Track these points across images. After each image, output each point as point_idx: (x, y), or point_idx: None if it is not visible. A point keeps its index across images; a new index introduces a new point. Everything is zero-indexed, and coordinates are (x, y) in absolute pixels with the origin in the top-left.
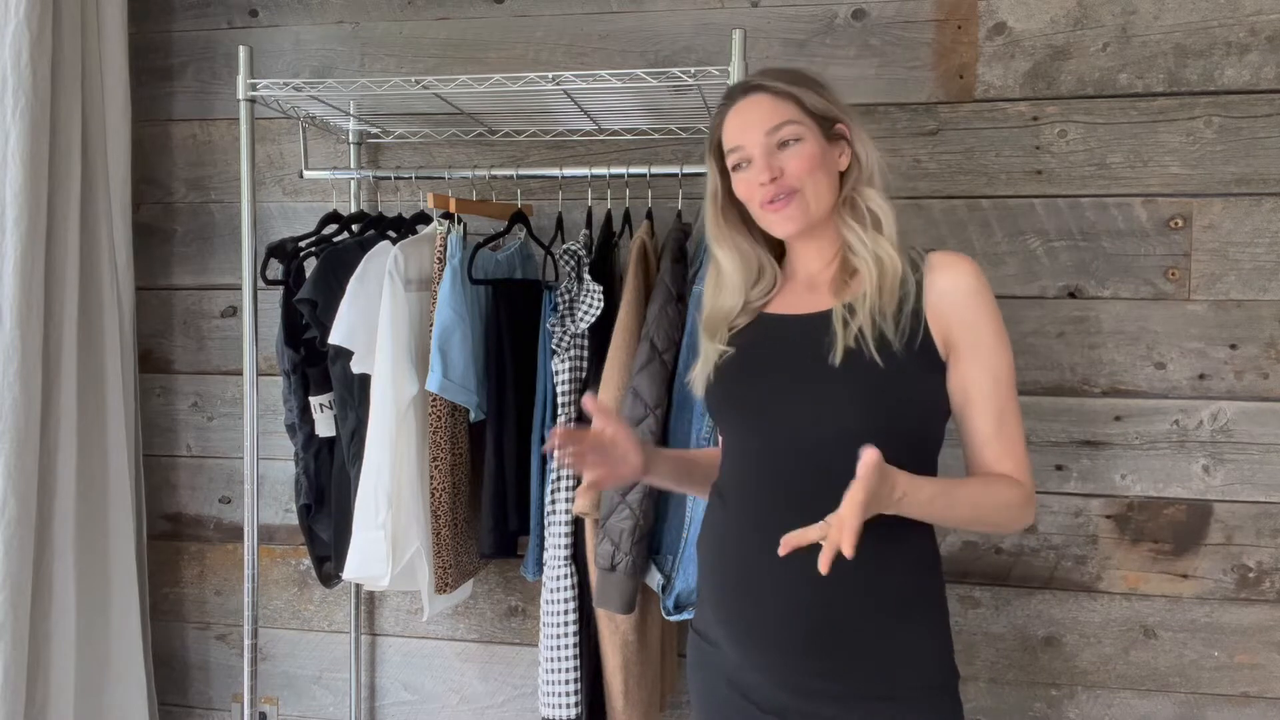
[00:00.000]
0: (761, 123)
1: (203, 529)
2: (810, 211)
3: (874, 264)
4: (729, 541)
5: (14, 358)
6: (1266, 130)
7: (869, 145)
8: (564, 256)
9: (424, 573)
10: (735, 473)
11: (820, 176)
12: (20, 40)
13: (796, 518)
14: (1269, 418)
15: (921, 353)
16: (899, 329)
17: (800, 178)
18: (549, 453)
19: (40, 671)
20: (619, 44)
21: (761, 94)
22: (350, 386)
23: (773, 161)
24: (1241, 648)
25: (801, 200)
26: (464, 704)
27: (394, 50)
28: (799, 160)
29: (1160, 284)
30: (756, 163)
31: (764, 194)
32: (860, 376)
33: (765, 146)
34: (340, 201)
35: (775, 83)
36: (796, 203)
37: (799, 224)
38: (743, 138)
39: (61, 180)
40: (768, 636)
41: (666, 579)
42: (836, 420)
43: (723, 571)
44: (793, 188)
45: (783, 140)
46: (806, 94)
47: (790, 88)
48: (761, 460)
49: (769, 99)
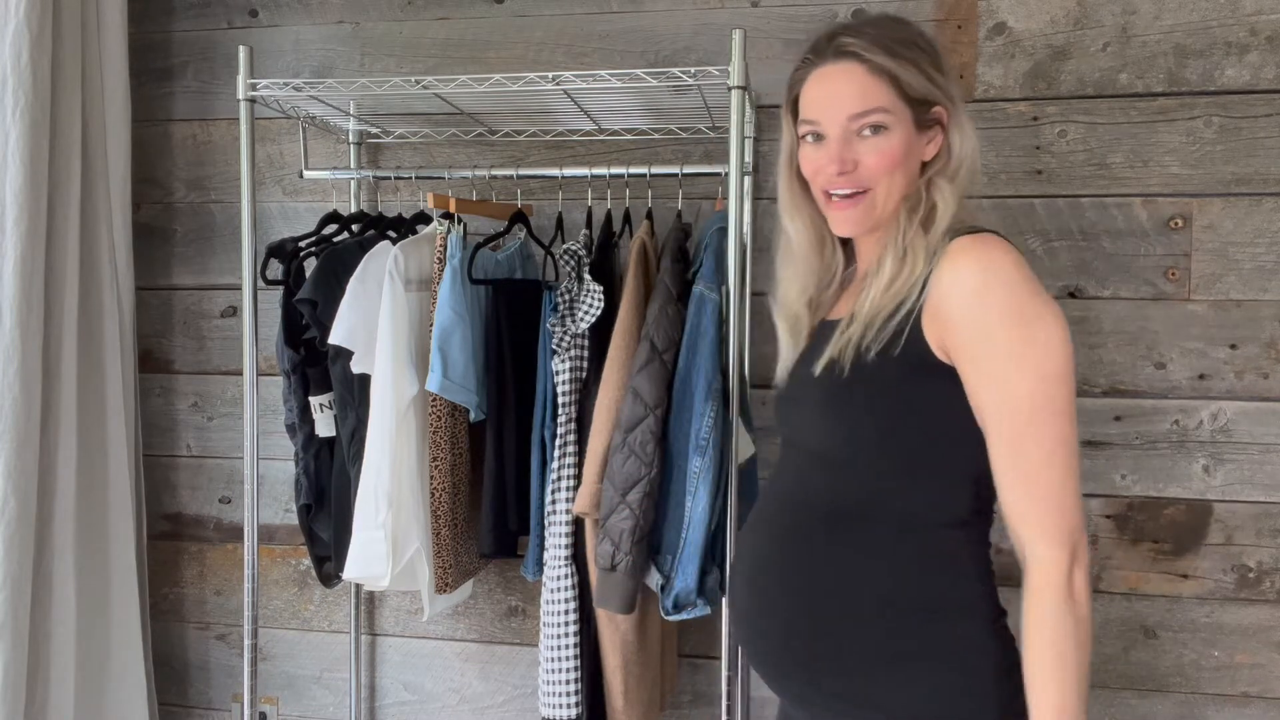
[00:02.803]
0: (846, 104)
1: (203, 529)
2: (876, 215)
3: (894, 263)
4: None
5: (14, 358)
6: (1266, 130)
7: (967, 135)
8: (564, 256)
9: (424, 573)
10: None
11: (898, 175)
12: (20, 40)
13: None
14: (1269, 418)
15: (904, 357)
16: (881, 333)
17: (875, 177)
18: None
19: (40, 671)
20: (619, 44)
21: (854, 64)
22: (350, 386)
23: (847, 151)
24: (1241, 648)
25: (869, 202)
26: (464, 704)
27: (394, 50)
28: (878, 157)
29: (1160, 284)
30: (830, 147)
31: (829, 182)
32: (825, 387)
33: (844, 131)
34: (340, 201)
35: (874, 54)
36: (863, 205)
37: (860, 228)
38: (820, 113)
39: (61, 180)
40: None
41: (666, 579)
42: (806, 433)
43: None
44: (864, 186)
45: (865, 127)
46: (908, 72)
47: (890, 63)
48: (773, 470)
49: (862, 73)
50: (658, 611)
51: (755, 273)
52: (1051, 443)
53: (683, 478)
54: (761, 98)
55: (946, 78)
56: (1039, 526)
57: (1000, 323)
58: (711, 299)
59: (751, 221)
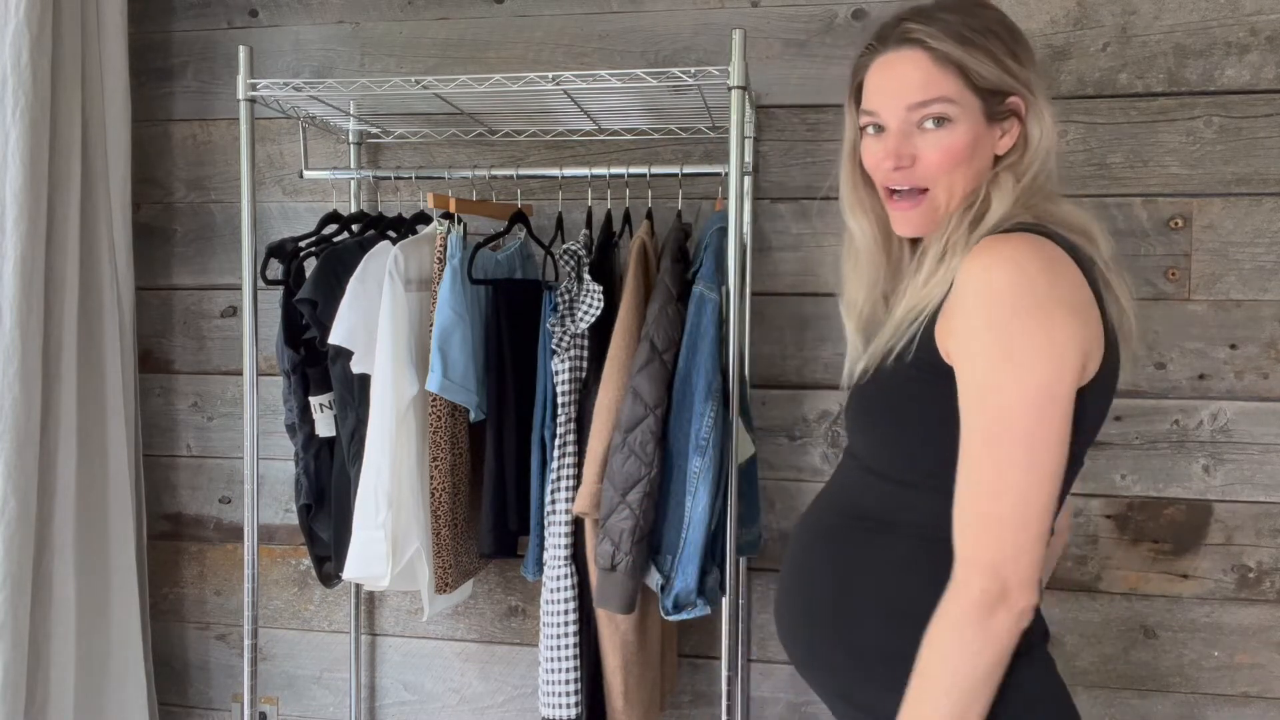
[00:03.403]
0: (906, 94)
1: (203, 529)
2: (939, 215)
3: (932, 262)
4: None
5: (14, 358)
6: (1266, 130)
7: (1047, 128)
8: (564, 256)
9: (424, 573)
10: None
11: (962, 172)
12: (20, 40)
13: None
14: (1269, 418)
15: (918, 362)
16: (902, 336)
17: (933, 175)
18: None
19: (40, 671)
20: (619, 44)
21: (918, 51)
22: (350, 386)
23: (905, 146)
24: (1241, 648)
25: (930, 203)
26: (464, 704)
27: (394, 50)
28: (939, 153)
29: (1160, 284)
30: (888, 141)
31: (886, 177)
32: (860, 393)
33: (903, 123)
34: (340, 201)
35: (941, 42)
36: (924, 206)
37: (921, 230)
38: (880, 103)
39: (61, 180)
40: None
41: (666, 579)
42: (852, 437)
43: None
44: (922, 185)
45: (927, 119)
46: (979, 60)
47: (958, 51)
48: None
49: (927, 61)
50: (658, 611)
51: (755, 273)
52: (1009, 469)
53: (683, 478)
54: (761, 98)
55: (1025, 66)
56: (968, 550)
57: (980, 332)
58: (711, 299)
59: (751, 221)
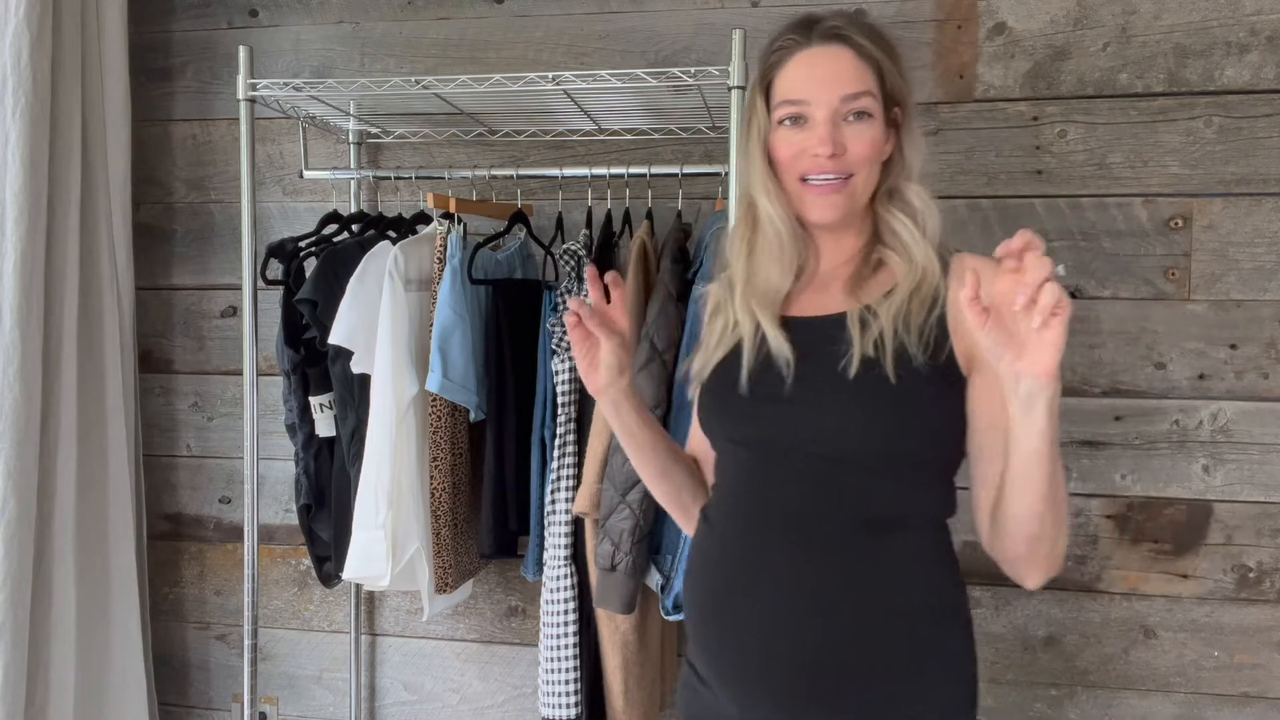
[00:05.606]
0: (839, 84)
1: (203, 529)
2: (855, 203)
3: (918, 265)
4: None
5: (14, 358)
6: (1266, 130)
7: (918, 140)
8: (564, 256)
9: (424, 573)
10: (725, 491)
11: (875, 166)
12: (20, 40)
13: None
14: (1269, 418)
15: (945, 369)
16: (922, 340)
17: (860, 163)
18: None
19: (40, 671)
20: (619, 44)
21: (844, 48)
22: (350, 386)
23: (838, 134)
24: (1241, 648)
25: (851, 189)
26: (464, 704)
27: (394, 50)
28: (863, 144)
29: (1160, 284)
30: (819, 130)
31: (815, 165)
32: (872, 391)
33: (835, 114)
34: (340, 201)
35: (863, 39)
36: (846, 191)
37: (841, 214)
38: (811, 93)
39: (61, 180)
40: (761, 677)
41: (666, 579)
42: (840, 438)
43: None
44: (849, 172)
45: (853, 113)
46: (888, 64)
47: (877, 52)
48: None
49: (851, 57)
50: (658, 611)
51: None
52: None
53: None
54: None
55: (908, 85)
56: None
57: None
58: None
59: None
